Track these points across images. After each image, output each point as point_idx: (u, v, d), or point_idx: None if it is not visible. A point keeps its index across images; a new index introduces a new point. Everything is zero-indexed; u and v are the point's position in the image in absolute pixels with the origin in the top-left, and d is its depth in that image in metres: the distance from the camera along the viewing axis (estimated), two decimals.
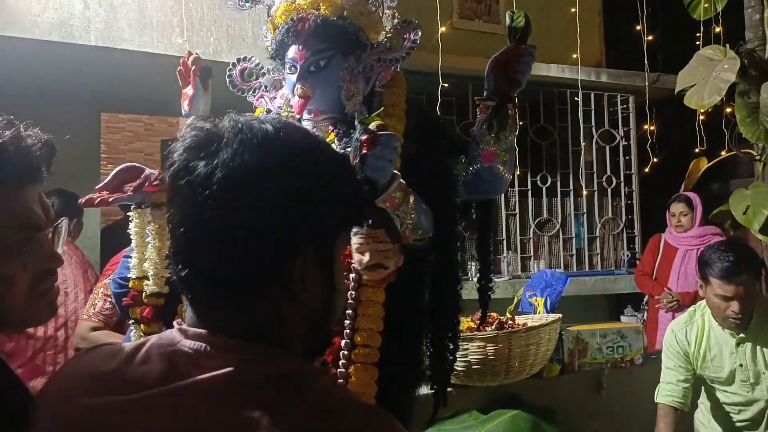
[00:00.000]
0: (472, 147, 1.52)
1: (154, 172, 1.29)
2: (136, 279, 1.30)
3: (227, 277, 0.72)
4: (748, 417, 2.35)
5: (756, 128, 3.81)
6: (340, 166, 0.79)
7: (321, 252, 0.76)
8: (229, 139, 0.72)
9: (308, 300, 0.76)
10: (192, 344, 0.72)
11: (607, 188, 5.50)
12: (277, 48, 1.51)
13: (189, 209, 0.71)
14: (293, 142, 0.75)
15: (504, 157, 1.49)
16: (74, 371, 0.79)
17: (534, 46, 1.52)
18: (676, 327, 2.48)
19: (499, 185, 1.54)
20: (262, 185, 0.71)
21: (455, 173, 1.50)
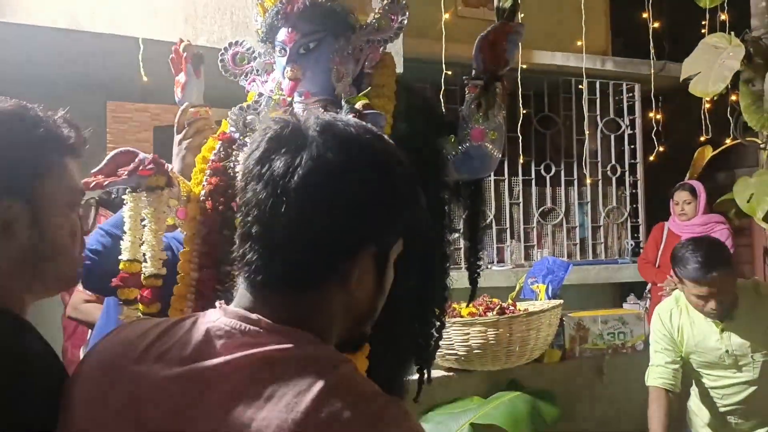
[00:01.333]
0: (460, 126, 1.53)
1: (148, 156, 1.31)
2: (127, 261, 1.32)
3: (293, 266, 0.77)
4: (735, 401, 2.38)
5: (760, 116, 3.81)
6: (408, 177, 0.83)
7: (379, 255, 0.81)
8: (314, 138, 0.76)
9: (359, 298, 0.81)
10: (229, 322, 0.77)
11: (611, 177, 5.49)
12: (267, 31, 1.52)
13: (266, 198, 0.75)
14: (373, 148, 0.80)
15: (492, 135, 1.50)
16: (116, 341, 0.83)
17: (522, 24, 1.52)
18: (661, 311, 2.50)
19: (489, 164, 1.55)
20: (340, 185, 0.75)
21: (445, 153, 1.51)
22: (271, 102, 1.48)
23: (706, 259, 2.22)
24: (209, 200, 1.40)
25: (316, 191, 0.74)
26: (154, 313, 1.32)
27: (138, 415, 0.74)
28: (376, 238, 0.79)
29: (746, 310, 2.33)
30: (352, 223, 0.76)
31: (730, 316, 2.32)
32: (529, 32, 1.58)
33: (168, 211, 1.36)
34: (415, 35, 4.09)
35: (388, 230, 0.80)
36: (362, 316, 0.84)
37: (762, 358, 2.31)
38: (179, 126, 1.66)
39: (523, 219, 5.26)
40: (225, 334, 0.76)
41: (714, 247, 2.35)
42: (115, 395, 0.77)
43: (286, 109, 1.48)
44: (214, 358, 0.74)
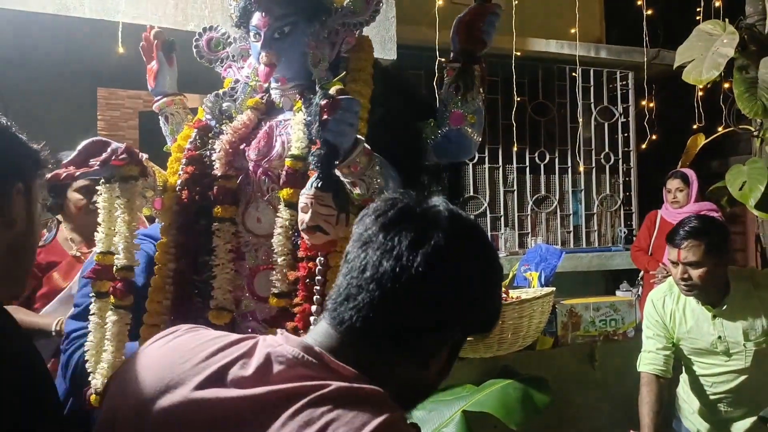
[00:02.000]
0: (440, 110, 1.51)
1: (120, 146, 1.28)
2: (101, 254, 1.30)
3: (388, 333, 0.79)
4: (726, 389, 2.37)
5: (754, 104, 3.79)
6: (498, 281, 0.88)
7: (458, 342, 0.85)
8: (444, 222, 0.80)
9: (428, 378, 0.84)
10: (291, 351, 0.78)
11: (605, 165, 5.49)
12: (240, 15, 1.50)
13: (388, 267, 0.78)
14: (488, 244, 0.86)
15: (472, 119, 1.49)
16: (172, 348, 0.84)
17: (498, 5, 1.50)
18: (654, 297, 2.50)
19: (468, 147, 1.54)
20: (455, 277, 0.79)
21: (424, 137, 1.50)
22: (247, 88, 1.46)
23: (688, 227, 2.26)
24: (185, 190, 1.38)
25: (439, 273, 0.78)
26: (127, 306, 1.30)
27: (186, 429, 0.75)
28: (465, 326, 0.84)
29: (740, 298, 2.32)
30: (456, 309, 0.80)
31: (722, 302, 2.32)
32: (523, 20, 1.57)
33: (144, 201, 1.34)
34: (409, 22, 4.07)
35: (474, 324, 0.85)
36: (422, 394, 0.86)
37: (754, 347, 2.31)
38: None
39: (518, 207, 5.26)
40: (286, 361, 0.77)
41: (703, 221, 2.35)
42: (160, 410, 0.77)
43: (263, 95, 1.46)
44: (272, 383, 0.75)
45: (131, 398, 0.80)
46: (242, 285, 1.42)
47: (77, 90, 3.98)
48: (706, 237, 2.24)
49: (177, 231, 1.38)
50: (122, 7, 3.10)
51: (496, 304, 0.88)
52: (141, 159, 1.31)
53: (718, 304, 2.32)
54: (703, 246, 2.22)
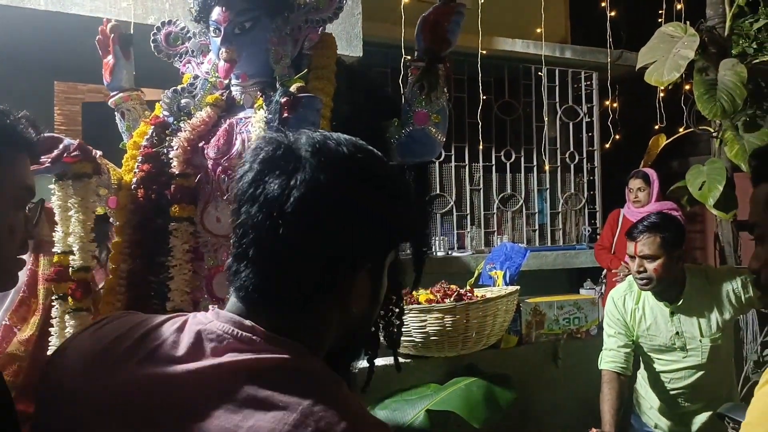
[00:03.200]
0: (404, 109, 1.50)
1: (73, 142, 1.24)
2: (61, 254, 1.26)
3: (289, 286, 0.77)
4: (683, 385, 2.43)
5: (713, 105, 3.87)
6: (403, 193, 0.84)
7: (375, 267, 0.81)
8: (306, 159, 0.76)
9: (354, 312, 0.81)
10: (222, 327, 0.76)
11: (569, 164, 5.55)
12: (200, 10, 1.47)
13: (263, 220, 0.75)
14: (367, 168, 0.81)
15: (436, 118, 1.48)
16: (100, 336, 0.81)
17: (463, 5, 1.50)
18: (615, 295, 2.55)
19: (432, 147, 1.53)
20: (335, 207, 0.76)
21: (388, 136, 1.49)
22: (207, 85, 1.42)
23: (647, 222, 2.35)
24: (141, 188, 1.35)
25: (311, 213, 0.75)
26: (87, 308, 1.26)
27: (125, 411, 0.73)
28: (372, 255, 0.80)
29: (695, 295, 2.38)
30: (349, 243, 0.77)
31: (679, 298, 2.37)
32: (489, 19, 1.57)
33: (97, 200, 1.30)
34: (375, 19, 4.05)
35: (383, 245, 0.81)
36: (356, 327, 0.84)
37: (710, 342, 2.36)
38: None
39: (484, 205, 5.29)
40: (217, 338, 0.75)
41: (661, 217, 2.43)
42: (98, 392, 0.75)
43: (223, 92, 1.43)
44: (205, 360, 0.74)
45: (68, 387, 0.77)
46: (201, 286, 1.39)
47: (33, 84, 3.87)
48: (662, 231, 2.31)
49: (132, 230, 1.34)
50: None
51: (404, 220, 0.84)
52: (94, 156, 1.27)
53: (675, 300, 2.37)
54: (658, 240, 2.30)
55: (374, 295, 0.83)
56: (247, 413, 0.69)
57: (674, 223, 2.44)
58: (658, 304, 2.41)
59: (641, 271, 2.32)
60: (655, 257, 2.30)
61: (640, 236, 2.31)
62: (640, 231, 2.33)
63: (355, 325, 0.83)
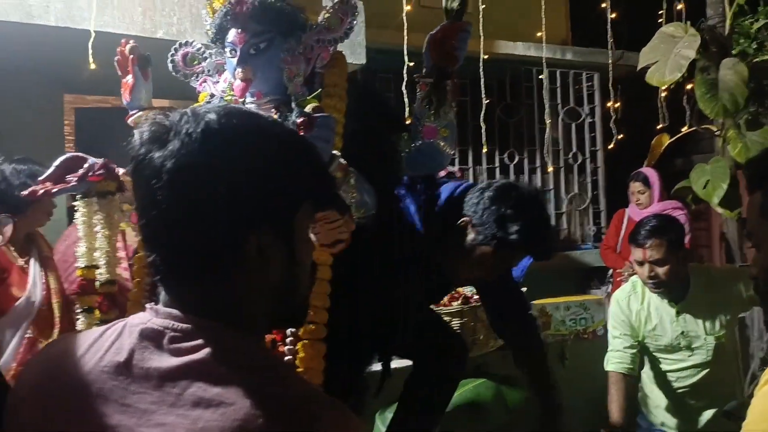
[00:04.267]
0: (413, 124, 1.55)
1: (97, 161, 1.29)
2: (85, 268, 1.30)
3: (186, 258, 0.77)
4: (689, 383, 2.46)
5: (715, 104, 3.89)
6: (286, 145, 0.81)
7: (279, 228, 0.78)
8: (177, 130, 0.76)
9: (271, 276, 0.79)
10: (161, 322, 0.77)
11: (573, 165, 5.58)
12: (216, 32, 1.52)
13: (147, 199, 0.76)
14: (236, 126, 0.78)
15: (444, 132, 1.53)
16: (53, 355, 0.83)
17: (469, 23, 1.55)
18: (619, 296, 2.57)
19: (441, 160, 1.58)
20: (205, 171, 0.74)
21: (398, 150, 1.53)
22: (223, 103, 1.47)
23: (649, 226, 2.36)
24: None
25: (182, 182, 0.74)
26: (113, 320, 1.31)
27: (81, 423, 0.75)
28: (265, 214, 0.77)
29: (700, 293, 2.41)
30: (228, 205, 0.75)
31: (684, 299, 2.39)
32: (490, 22, 1.62)
33: (121, 215, 1.35)
34: (378, 26, 4.09)
35: (276, 203, 0.78)
36: (284, 292, 0.82)
37: (714, 340, 2.39)
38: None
39: None
40: (158, 335, 0.76)
41: (662, 219, 2.46)
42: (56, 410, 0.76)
43: None
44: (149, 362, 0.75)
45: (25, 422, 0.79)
46: None
47: (43, 97, 3.92)
48: (667, 234, 2.34)
49: None
50: (88, 14, 3.06)
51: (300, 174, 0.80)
52: (117, 174, 1.32)
53: (680, 299, 2.40)
54: (665, 243, 2.32)
55: (288, 255, 0.80)
56: (197, 414, 0.70)
57: (676, 224, 2.49)
58: (663, 305, 2.44)
59: (653, 276, 2.34)
60: (665, 261, 2.32)
61: (647, 242, 2.33)
62: (645, 237, 2.34)
63: (282, 291, 0.81)
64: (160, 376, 0.74)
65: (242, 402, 0.70)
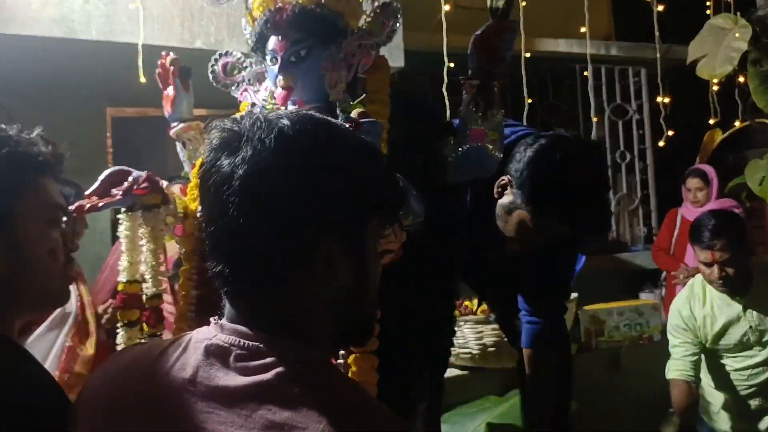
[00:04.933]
0: (459, 127, 1.50)
1: (142, 174, 1.29)
2: (127, 282, 1.29)
3: (255, 268, 0.75)
4: (758, 382, 2.39)
5: None
6: (359, 155, 0.80)
7: (349, 239, 0.77)
8: (249, 137, 0.75)
9: (338, 288, 0.77)
10: (227, 339, 0.75)
11: (620, 164, 5.43)
12: (257, 40, 1.50)
13: (216, 207, 0.75)
14: (309, 134, 0.76)
15: (492, 135, 1.48)
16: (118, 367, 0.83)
17: (515, 22, 1.50)
18: (678, 304, 2.51)
19: (490, 165, 1.52)
20: (280, 180, 0.73)
21: (444, 155, 1.48)
22: (264, 111, 1.44)
23: (714, 225, 2.30)
24: None
25: (255, 189, 0.73)
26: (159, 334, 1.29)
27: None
28: (336, 225, 0.76)
29: (763, 286, 2.35)
30: (300, 214, 0.74)
31: (748, 293, 2.34)
32: (531, 20, 1.56)
33: (165, 228, 1.33)
34: (415, 28, 4.04)
35: (347, 214, 0.77)
36: (351, 305, 0.80)
37: None
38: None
39: None
40: (224, 352, 0.74)
41: (725, 217, 2.42)
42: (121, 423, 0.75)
43: None
44: (215, 380, 0.73)
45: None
46: None
47: (86, 111, 3.99)
48: (732, 232, 2.30)
49: (199, 258, 1.36)
50: (128, 27, 3.09)
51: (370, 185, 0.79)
52: (162, 187, 1.31)
53: (744, 294, 2.35)
54: (733, 242, 2.27)
55: (357, 267, 0.78)
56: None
57: (738, 220, 2.47)
58: (727, 302, 2.38)
59: (724, 276, 2.29)
60: (734, 260, 2.27)
61: (716, 243, 2.27)
62: (711, 237, 2.28)
63: (349, 303, 0.79)
64: (228, 396, 0.71)
65: (314, 427, 0.67)
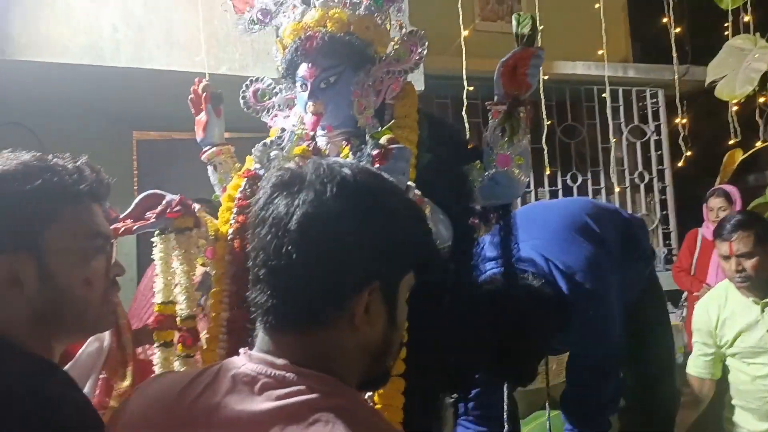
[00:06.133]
0: (486, 152, 1.52)
1: (174, 198, 1.32)
2: (162, 304, 1.32)
3: (299, 306, 0.78)
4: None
5: None
6: (410, 213, 0.85)
7: (386, 291, 0.81)
8: (311, 181, 0.78)
9: (370, 335, 0.81)
10: (255, 368, 0.78)
11: (639, 184, 5.42)
12: (287, 67, 1.54)
13: (270, 240, 0.77)
14: (369, 187, 0.81)
15: (519, 160, 1.50)
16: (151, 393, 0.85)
17: (542, 49, 1.52)
18: (700, 305, 2.54)
19: (516, 189, 1.55)
20: (336, 225, 0.77)
21: (471, 180, 1.51)
22: (294, 137, 1.48)
23: (734, 220, 2.35)
24: (237, 239, 1.40)
25: (312, 231, 0.76)
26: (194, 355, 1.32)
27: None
28: (379, 274, 0.80)
29: None
30: (350, 260, 0.77)
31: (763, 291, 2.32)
32: (549, 42, 1.58)
33: (197, 251, 1.36)
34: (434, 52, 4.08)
35: (390, 266, 0.81)
36: (379, 352, 0.83)
37: None
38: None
39: None
40: (251, 381, 0.77)
41: (746, 213, 2.49)
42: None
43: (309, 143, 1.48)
44: (241, 406, 0.75)
45: None
46: None
47: (115, 136, 4.07)
48: (754, 227, 2.30)
49: (230, 280, 1.39)
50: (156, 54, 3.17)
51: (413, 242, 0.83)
52: (194, 210, 1.34)
53: (766, 296, 2.33)
54: (753, 236, 2.28)
55: (390, 318, 0.82)
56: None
57: (761, 219, 2.45)
58: (747, 304, 2.36)
59: (740, 269, 2.29)
60: (752, 254, 2.28)
61: (734, 234, 2.29)
62: (731, 230, 2.31)
63: (377, 350, 0.82)
64: (253, 421, 0.74)
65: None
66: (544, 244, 1.93)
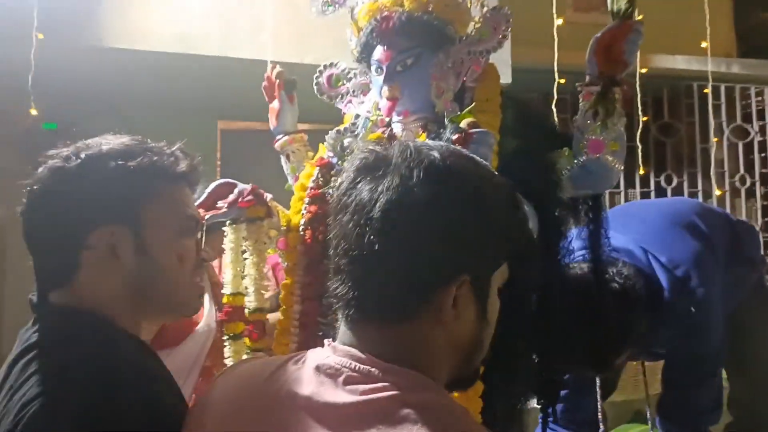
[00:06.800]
0: (576, 138, 1.40)
1: (246, 187, 1.30)
2: (231, 295, 1.29)
3: (383, 298, 0.74)
4: None
5: None
6: (505, 201, 0.79)
7: (476, 284, 0.76)
8: (397, 165, 0.73)
9: (460, 330, 0.76)
10: (339, 360, 0.75)
11: (740, 188, 5.09)
12: (362, 50, 1.47)
13: (352, 228, 0.73)
14: (459, 172, 0.75)
15: (613, 146, 1.37)
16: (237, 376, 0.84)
17: (641, 22, 1.37)
18: None
19: (609, 178, 1.42)
20: (423, 213, 0.72)
21: (559, 168, 1.39)
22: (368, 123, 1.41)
23: None
24: (309, 229, 1.35)
25: (398, 219, 0.72)
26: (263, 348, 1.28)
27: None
28: (469, 267, 0.74)
29: None
30: (438, 250, 0.73)
31: None
32: (647, 34, 1.44)
33: (268, 242, 1.32)
34: (523, 43, 3.94)
35: (482, 258, 0.76)
36: (469, 350, 0.79)
37: None
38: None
39: None
40: (335, 373, 0.74)
41: None
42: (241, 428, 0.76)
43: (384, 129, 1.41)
44: (325, 398, 0.72)
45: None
46: None
47: (199, 122, 4.15)
48: None
49: (302, 271, 1.35)
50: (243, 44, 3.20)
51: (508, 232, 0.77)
52: (266, 199, 1.30)
53: None
54: None
55: (480, 313, 0.77)
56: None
57: None
58: None
59: None
60: None
61: None
62: None
63: (467, 347, 0.78)
64: (336, 413, 0.71)
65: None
66: (644, 238, 1.81)
